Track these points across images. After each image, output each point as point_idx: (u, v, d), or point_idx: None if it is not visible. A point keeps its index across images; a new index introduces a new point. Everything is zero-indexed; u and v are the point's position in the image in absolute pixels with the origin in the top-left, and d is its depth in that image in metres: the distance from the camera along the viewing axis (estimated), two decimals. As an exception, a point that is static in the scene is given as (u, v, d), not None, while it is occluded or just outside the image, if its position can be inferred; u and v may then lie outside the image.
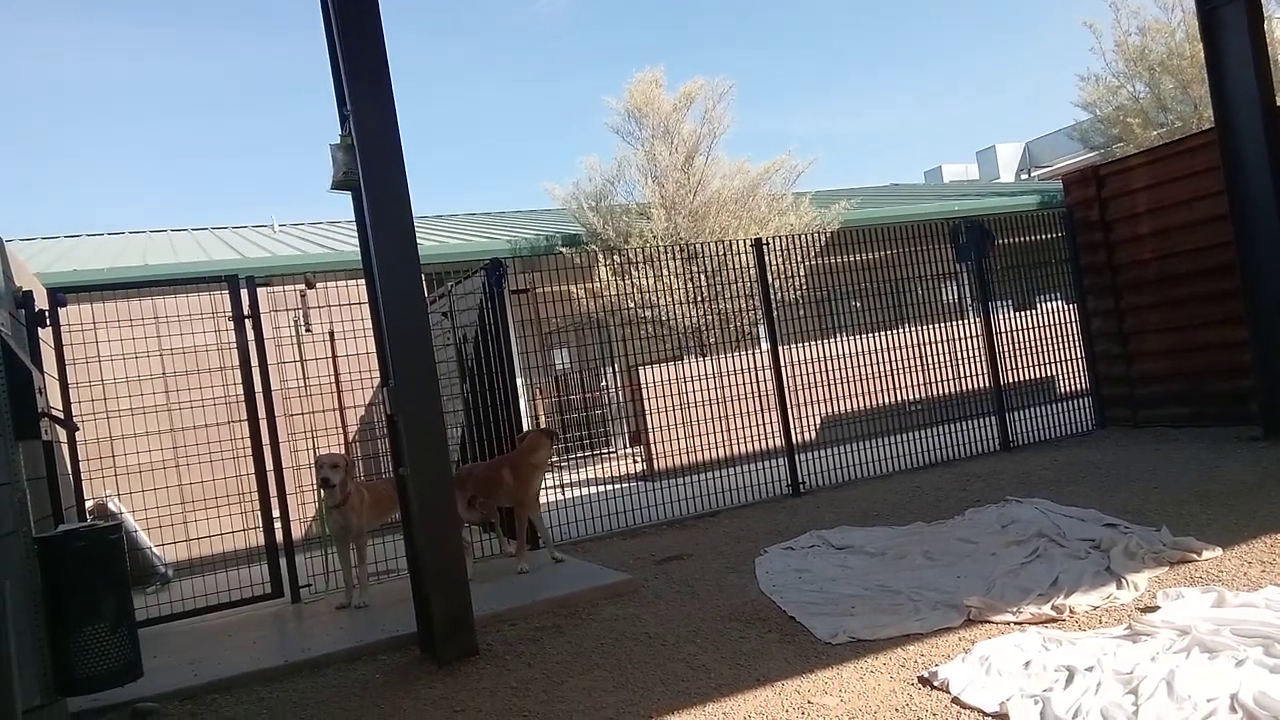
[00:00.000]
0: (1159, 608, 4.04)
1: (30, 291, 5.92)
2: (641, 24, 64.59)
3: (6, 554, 3.95)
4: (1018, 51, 76.30)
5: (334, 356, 8.15)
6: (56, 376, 6.38)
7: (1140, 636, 3.71)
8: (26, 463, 4.36)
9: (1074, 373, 10.54)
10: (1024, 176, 29.95)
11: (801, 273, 11.27)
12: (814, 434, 10.02)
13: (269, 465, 6.63)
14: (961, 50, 78.40)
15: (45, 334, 6.11)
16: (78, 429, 6.15)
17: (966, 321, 10.53)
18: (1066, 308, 10.70)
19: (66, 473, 6.29)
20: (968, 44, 77.87)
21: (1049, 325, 10.65)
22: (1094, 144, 19.87)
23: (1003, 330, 10.18)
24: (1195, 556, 4.73)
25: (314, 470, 6.28)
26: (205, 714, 4.47)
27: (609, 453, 13.11)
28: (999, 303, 10.47)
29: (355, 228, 5.11)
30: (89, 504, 6.93)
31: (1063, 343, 10.62)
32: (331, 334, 8.10)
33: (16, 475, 4.13)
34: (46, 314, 6.12)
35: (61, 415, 6.08)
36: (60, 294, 6.39)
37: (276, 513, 6.68)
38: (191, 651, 5.48)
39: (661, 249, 12.40)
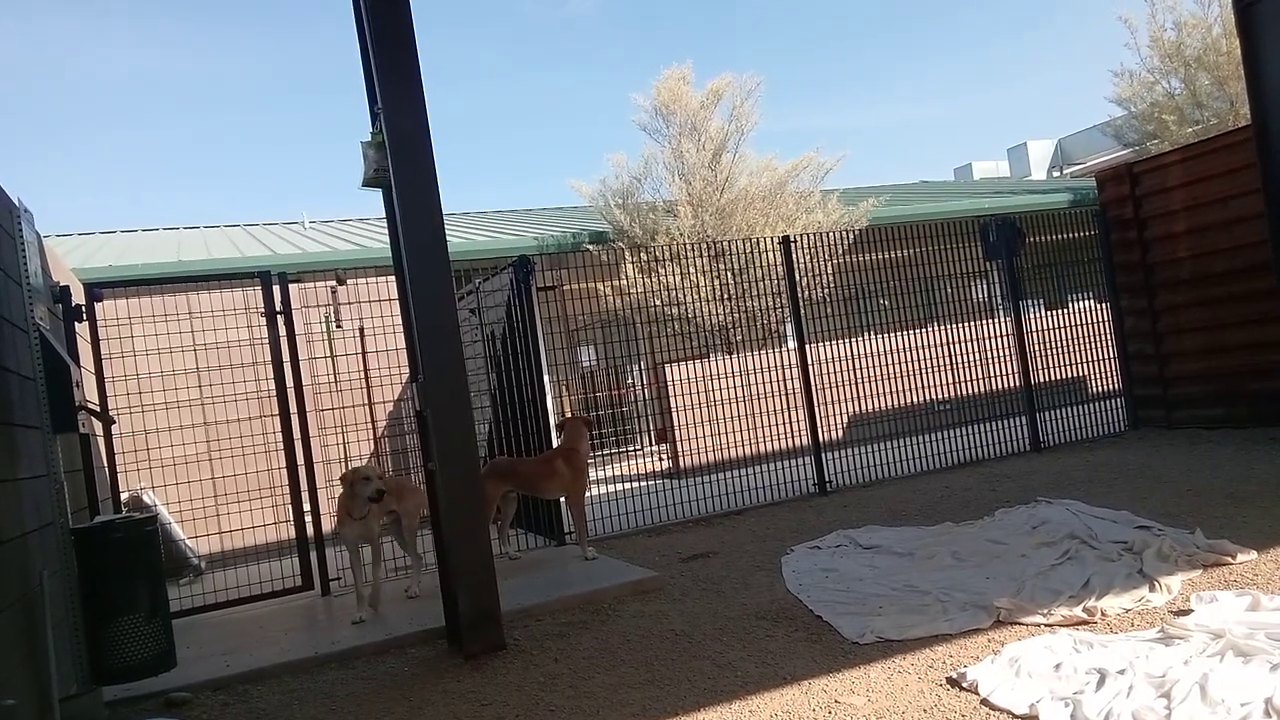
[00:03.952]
0: (1192, 610, 3.99)
1: (67, 286, 6.01)
2: (670, 22, 64.56)
3: (45, 544, 4.03)
4: (1050, 47, 75.46)
5: (364, 352, 8.23)
6: (93, 370, 6.49)
7: (1173, 639, 3.66)
8: (64, 455, 4.45)
9: (1106, 373, 10.41)
10: (1056, 174, 29.56)
11: (829, 270, 11.21)
12: (841, 433, 9.97)
13: (300, 459, 6.71)
14: (992, 46, 77.64)
15: (82, 328, 6.19)
16: (114, 422, 6.24)
17: (997, 320, 10.44)
18: (1099, 307, 10.58)
19: (102, 465, 6.40)
20: (998, 39, 77.09)
21: (1081, 324, 10.53)
22: (1128, 141, 19.57)
23: (1034, 329, 10.08)
24: (1229, 559, 4.66)
25: (358, 485, 5.70)
26: (237, 704, 4.54)
27: (634, 450, 13.12)
28: (1030, 301, 10.36)
29: (385, 224, 5.15)
30: (124, 496, 7.04)
31: (1095, 342, 10.50)
32: (361, 330, 8.19)
33: (54, 467, 4.22)
34: (83, 309, 6.20)
35: (98, 408, 6.18)
36: (96, 289, 6.48)
37: (307, 506, 6.77)
38: (224, 642, 5.56)
39: (688, 246, 12.38)
